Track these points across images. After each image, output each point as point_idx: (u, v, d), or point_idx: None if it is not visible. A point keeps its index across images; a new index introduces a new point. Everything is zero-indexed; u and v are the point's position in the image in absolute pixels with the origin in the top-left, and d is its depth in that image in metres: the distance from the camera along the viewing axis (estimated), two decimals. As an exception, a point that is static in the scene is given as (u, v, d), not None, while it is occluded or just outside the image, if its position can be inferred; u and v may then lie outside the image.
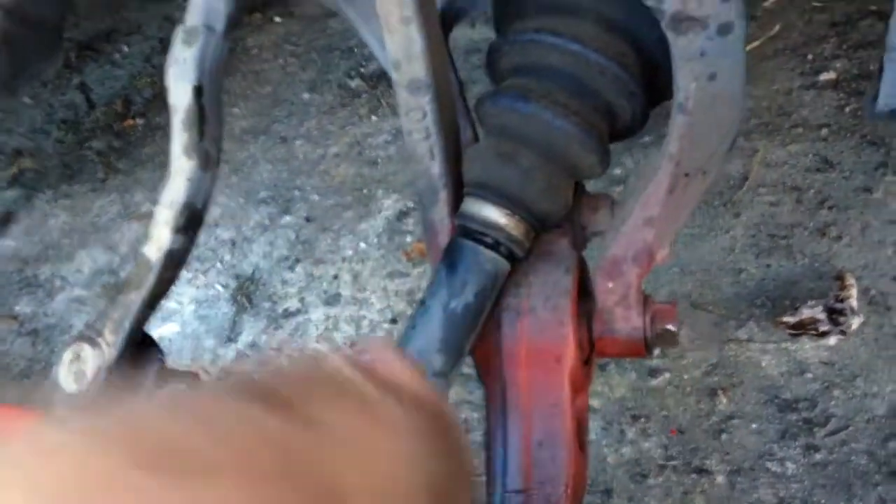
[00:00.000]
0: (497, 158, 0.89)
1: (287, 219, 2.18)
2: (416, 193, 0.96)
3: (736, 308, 1.63)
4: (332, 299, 1.94)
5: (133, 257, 2.19)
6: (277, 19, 2.86)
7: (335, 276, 1.99)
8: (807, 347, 1.53)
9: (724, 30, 0.78)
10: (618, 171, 1.88)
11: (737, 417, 1.48)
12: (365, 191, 2.18)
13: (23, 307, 2.15)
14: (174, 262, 1.08)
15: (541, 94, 0.88)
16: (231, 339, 1.92)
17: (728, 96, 0.82)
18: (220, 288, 2.05)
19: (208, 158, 1.10)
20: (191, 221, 1.09)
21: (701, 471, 1.43)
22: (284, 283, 2.02)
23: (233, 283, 2.05)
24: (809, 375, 1.50)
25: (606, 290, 0.93)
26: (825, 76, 1.98)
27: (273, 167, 2.34)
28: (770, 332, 1.57)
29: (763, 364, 1.53)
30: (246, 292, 2.02)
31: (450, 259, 0.90)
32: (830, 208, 1.74)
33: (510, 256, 0.91)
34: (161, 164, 2.46)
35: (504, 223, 0.89)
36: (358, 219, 2.11)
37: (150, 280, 1.07)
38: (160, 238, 1.07)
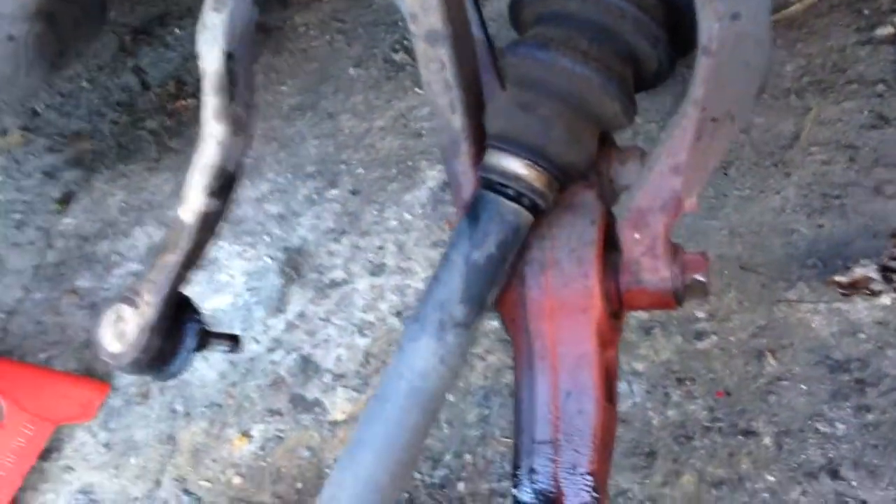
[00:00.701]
0: (517, 108, 0.89)
1: (333, 192, 2.20)
2: (439, 146, 0.96)
3: (786, 269, 1.58)
4: (378, 269, 1.96)
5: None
6: (324, -3, 2.88)
7: (380, 247, 2.00)
8: (859, 307, 1.48)
9: (748, -36, 0.75)
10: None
11: (785, 379, 1.45)
12: (409, 163, 2.19)
13: (83, 282, 2.23)
14: (208, 225, 1.11)
15: (560, 41, 0.86)
16: (280, 310, 1.95)
17: (753, 36, 0.79)
18: (268, 260, 2.08)
19: (239, 122, 1.11)
20: (224, 185, 1.11)
21: (747, 433, 1.40)
22: (331, 254, 2.04)
23: (281, 256, 2.08)
24: (862, 336, 1.45)
25: (633, 241, 0.92)
26: (881, 31, 1.90)
27: (320, 142, 2.36)
28: (821, 292, 1.52)
29: (813, 325, 1.49)
30: (294, 264, 2.05)
31: (472, 211, 0.90)
32: (886, 166, 1.67)
33: (533, 208, 0.90)
34: (212, 142, 2.52)
35: (525, 174, 0.88)
36: (402, 190, 2.12)
37: (185, 243, 1.09)
38: (194, 201, 1.10)
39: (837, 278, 1.51)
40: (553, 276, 0.92)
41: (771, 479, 1.34)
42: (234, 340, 1.20)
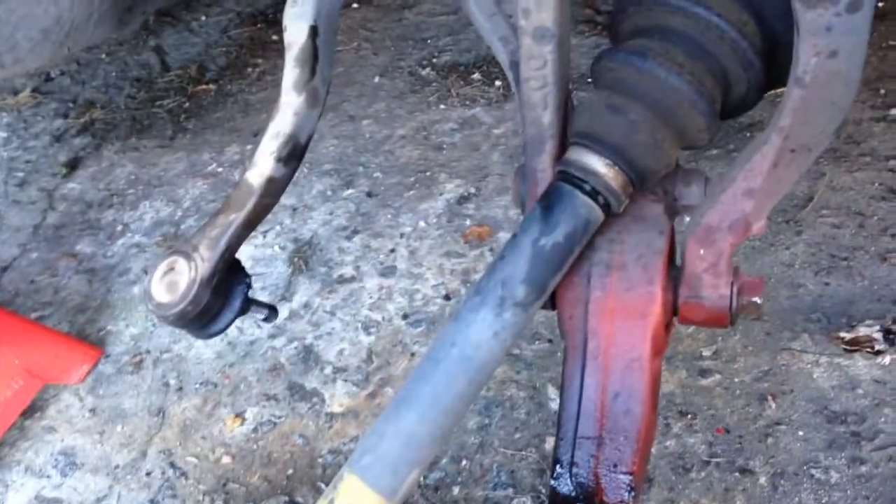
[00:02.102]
0: (606, 109, 0.93)
1: (349, 192, 2.22)
2: (522, 142, 0.99)
3: (791, 320, 1.64)
4: (388, 271, 1.97)
5: (196, 213, 2.25)
6: (355, 5, 2.93)
7: (392, 250, 2.03)
8: (860, 364, 1.54)
9: (853, 7, 0.80)
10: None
11: (784, 424, 1.49)
12: (428, 173, 2.22)
13: (83, 247, 2.21)
14: (274, 190, 1.13)
15: (658, 52, 0.91)
16: (285, 298, 1.96)
17: (846, 75, 0.84)
18: (277, 249, 2.09)
19: (316, 96, 1.14)
20: (293, 153, 1.13)
21: (744, 470, 1.44)
22: (341, 251, 2.05)
23: (291, 246, 2.09)
24: (860, 391, 1.51)
25: (697, 257, 0.96)
26: (896, 111, 2.00)
27: (339, 142, 2.39)
28: (824, 346, 1.58)
29: (815, 376, 1.55)
30: (303, 256, 2.06)
31: (547, 200, 0.93)
32: (893, 236, 1.75)
33: (606, 207, 0.93)
34: (230, 130, 2.53)
35: (604, 172, 0.92)
36: (419, 199, 2.15)
37: (249, 204, 1.11)
38: (263, 165, 1.11)
39: (841, 334, 1.57)
40: (618, 279, 0.96)
41: (764, 517, 1.38)
42: (272, 310, 1.21)
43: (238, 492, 1.59)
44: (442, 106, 2.42)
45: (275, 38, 2.87)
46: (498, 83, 2.45)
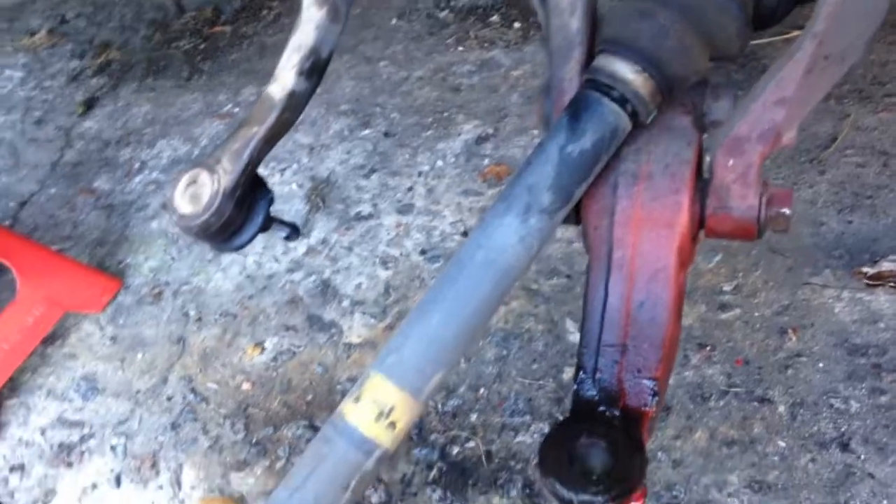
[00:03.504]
0: (634, 14, 0.91)
1: (366, 132, 2.21)
2: (549, 52, 0.98)
3: (813, 256, 1.63)
4: (405, 208, 1.97)
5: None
6: (373, -53, 2.89)
7: (410, 188, 2.02)
8: (882, 299, 1.53)
9: None
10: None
11: (804, 356, 1.49)
12: (445, 114, 2.21)
13: (101, 183, 2.21)
14: (295, 104, 1.11)
15: (690, -46, 0.89)
16: (303, 235, 1.96)
17: (882, -22, 0.83)
18: (295, 187, 2.09)
19: (337, 11, 1.12)
20: (314, 67, 1.12)
21: (763, 400, 1.45)
22: (359, 189, 2.05)
23: (308, 184, 2.09)
24: (882, 325, 1.50)
25: (726, 167, 0.94)
26: (924, 52, 1.97)
27: (356, 83, 2.37)
28: (846, 281, 1.58)
29: (836, 310, 1.54)
30: (320, 193, 2.06)
31: (574, 107, 0.92)
32: (917, 175, 1.74)
33: (633, 115, 0.92)
34: (246, 72, 2.52)
35: (632, 79, 0.90)
36: (437, 139, 2.14)
37: (271, 118, 1.10)
38: (285, 79, 1.10)
39: (864, 269, 1.56)
40: (645, 189, 0.95)
41: (782, 444, 1.38)
42: (294, 229, 1.21)
43: (258, 416, 1.61)
44: (460, 48, 2.40)
45: (292, -20, 2.84)
46: (517, 25, 2.43)
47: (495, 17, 2.51)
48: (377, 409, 0.86)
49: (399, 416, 0.87)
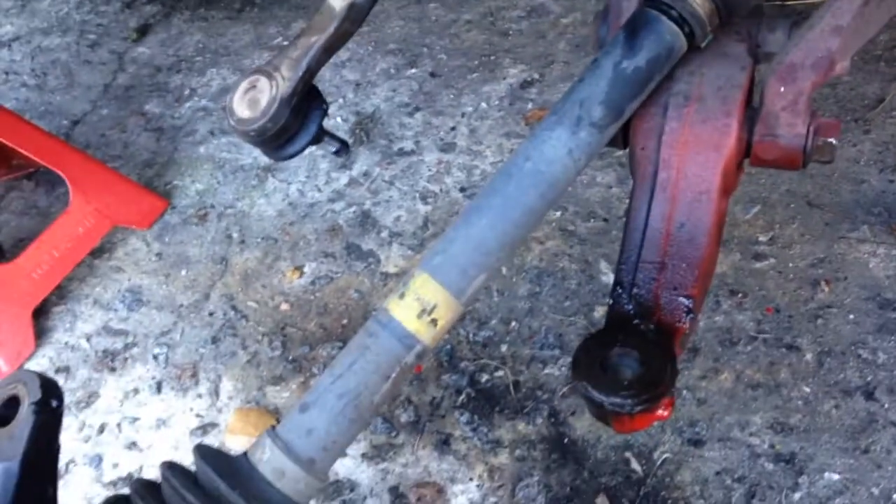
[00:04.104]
0: (697, -64, 0.92)
1: (412, 71, 2.23)
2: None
3: (851, 212, 1.64)
4: (448, 147, 2.00)
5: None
6: None
7: (453, 128, 2.04)
8: (918, 257, 1.54)
9: None
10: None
11: (835, 307, 1.51)
12: (492, 57, 2.22)
13: (152, 107, 2.26)
14: (355, 16, 1.14)
15: None
16: (345, 167, 2.00)
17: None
18: (339, 120, 2.12)
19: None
20: (375, -19, 1.14)
21: (791, 347, 1.47)
22: (402, 126, 2.08)
23: (353, 118, 2.12)
24: (916, 282, 1.51)
25: (777, 94, 0.96)
26: (982, 18, 1.94)
27: (405, 23, 2.39)
28: (883, 237, 1.58)
29: (870, 265, 1.55)
30: (364, 128, 2.09)
31: (632, 24, 0.94)
32: (964, 139, 1.73)
33: (690, 36, 0.94)
34: (297, 6, 2.54)
35: None
36: (482, 81, 2.16)
37: (331, 27, 1.13)
38: (347, -10, 1.13)
39: (902, 227, 1.57)
40: (696, 111, 0.97)
41: (807, 390, 1.40)
42: (344, 144, 1.25)
43: (295, 335, 1.66)
44: (511, -7, 2.40)
45: (346, -80, 2.85)
46: (569, -27, 2.42)
47: (547, -35, 2.50)
48: (420, 307, 0.90)
49: (441, 314, 0.91)
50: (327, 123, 2.15)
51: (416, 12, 2.42)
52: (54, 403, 0.85)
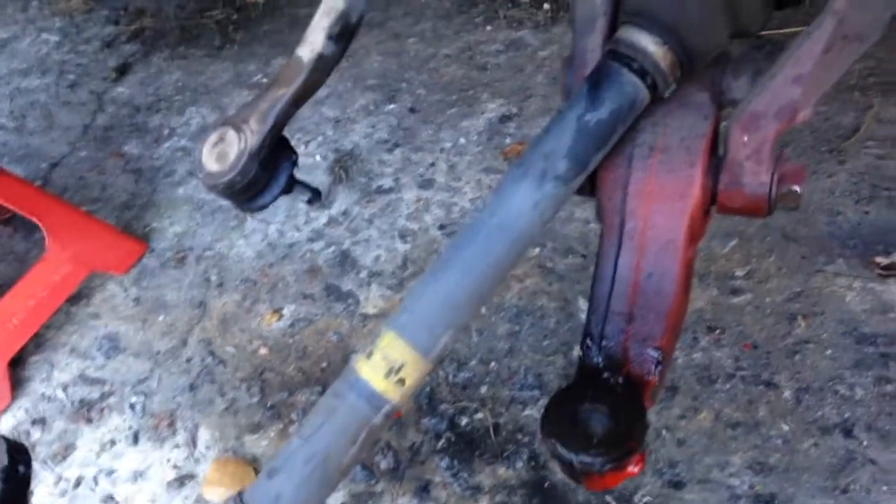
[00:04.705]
0: (658, -14, 0.93)
1: (391, 107, 2.24)
2: (572, 23, 1.00)
3: (828, 245, 1.64)
4: (426, 183, 2.00)
5: (240, 118, 2.28)
6: (405, -75, 2.91)
7: (432, 164, 2.05)
8: (893, 289, 1.54)
9: None
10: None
11: (812, 342, 1.50)
12: (471, 92, 2.23)
13: (131, 148, 2.26)
14: (323, 67, 1.14)
15: (714, -70, 0.91)
16: (325, 206, 1.99)
17: (903, -43, 0.84)
18: (319, 158, 2.12)
19: (368, -23, 1.15)
20: (343, 31, 1.14)
21: (769, 384, 1.46)
22: (381, 162, 2.08)
23: (332, 156, 2.12)
24: (892, 315, 1.51)
25: (741, 143, 0.96)
26: (952, 47, 1.96)
27: (384, 59, 2.39)
28: (859, 270, 1.58)
29: (847, 299, 1.55)
30: (344, 165, 2.09)
31: (594, 77, 0.94)
32: (938, 169, 1.73)
33: (653, 88, 0.94)
34: (277, 43, 2.55)
35: (653, 51, 0.92)
36: (461, 116, 2.16)
37: (299, 79, 1.13)
38: (314, 42, 1.13)
39: (877, 260, 1.57)
40: (660, 161, 0.97)
41: (786, 428, 1.40)
42: (316, 193, 1.24)
43: (274, 381, 1.65)
44: (488, 27, 2.42)
45: (324, -45, 2.87)
46: (546, 6, 2.44)
47: (524, -1, 2.52)
48: (388, 366, 0.90)
49: (408, 373, 0.90)
50: (306, 162, 2.16)
51: (395, 47, 2.43)
52: (22, 469, 0.84)
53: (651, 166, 0.97)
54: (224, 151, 1.13)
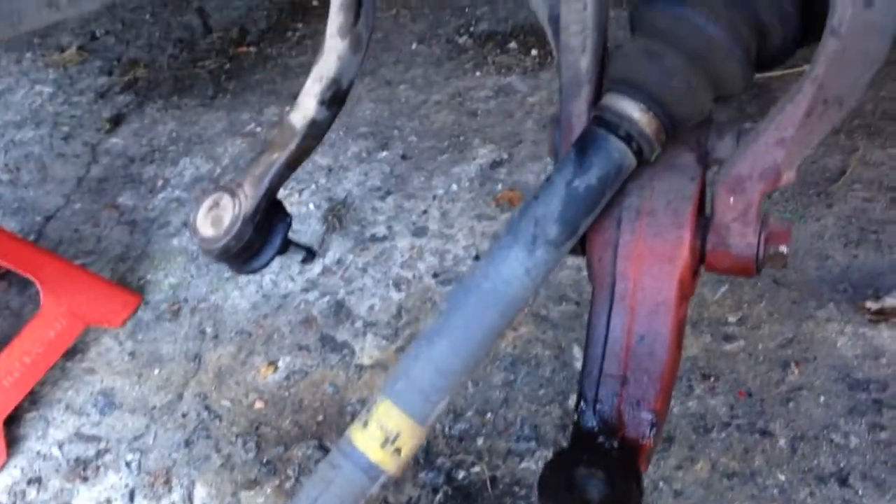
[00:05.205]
0: (643, 55, 0.95)
1: (383, 154, 2.26)
2: (559, 87, 1.02)
3: (818, 290, 1.66)
4: (420, 231, 2.01)
5: (235, 170, 2.30)
6: (395, -28, 2.95)
7: (424, 211, 2.06)
8: (885, 335, 1.55)
9: (891, -43, 0.82)
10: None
11: (806, 389, 1.51)
12: (462, 138, 2.25)
13: (125, 199, 2.27)
14: (315, 132, 1.16)
15: (697, 1, 0.93)
16: (319, 255, 2.00)
17: (881, 26, 0.86)
18: (312, 207, 2.14)
19: (359, 41, 1.17)
20: (335, 97, 1.17)
21: (764, 433, 1.47)
22: (374, 210, 2.09)
23: (325, 205, 2.13)
24: (883, 361, 1.52)
25: (727, 205, 0.98)
26: (935, 89, 1.99)
27: (375, 106, 2.42)
28: (849, 315, 1.60)
29: (839, 344, 1.56)
30: (337, 214, 2.10)
31: (581, 143, 0.96)
32: (925, 211, 1.76)
33: (639, 153, 0.96)
34: (269, 92, 2.58)
35: (639, 117, 0.94)
36: (452, 162, 2.18)
37: (292, 144, 1.15)
38: (306, 107, 1.15)
39: (867, 304, 1.58)
40: (648, 224, 0.99)
41: (782, 478, 1.40)
42: (310, 252, 1.26)
43: (270, 435, 1.65)
44: (478, 73, 2.45)
45: (315, 3, 2.91)
46: (534, 52, 2.47)
47: (513, 44, 2.56)
48: (384, 435, 0.90)
49: (404, 441, 0.91)
50: (299, 211, 2.17)
51: (387, 94, 2.46)
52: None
53: (639, 229, 0.99)
54: (219, 216, 1.14)
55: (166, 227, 2.16)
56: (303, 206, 2.14)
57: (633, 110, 0.94)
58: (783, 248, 0.98)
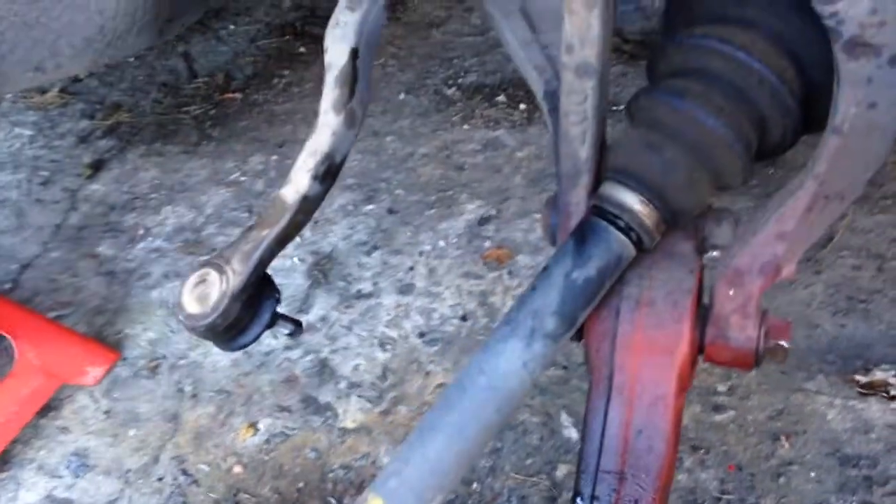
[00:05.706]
0: (643, 147, 0.94)
1: (370, 207, 2.24)
2: (560, 175, 1.01)
3: (806, 361, 1.65)
4: (406, 288, 1.99)
5: (218, 220, 2.27)
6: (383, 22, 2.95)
7: (411, 268, 2.04)
8: (874, 408, 1.54)
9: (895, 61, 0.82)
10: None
11: (796, 464, 1.50)
12: (449, 192, 2.24)
13: (104, 249, 2.23)
14: (308, 207, 1.14)
15: (697, 94, 0.92)
16: (302, 311, 1.97)
17: (884, 126, 0.86)
18: (297, 261, 2.11)
19: (353, 118, 1.16)
20: (328, 172, 1.15)
21: (755, 509, 1.45)
22: (360, 266, 2.07)
23: (310, 259, 2.10)
24: (873, 435, 1.51)
25: (726, 298, 0.97)
26: (919, 155, 2.01)
27: (362, 157, 2.40)
28: (839, 388, 1.59)
29: (828, 417, 1.55)
30: (322, 269, 2.07)
31: (580, 233, 0.95)
32: (912, 280, 1.76)
33: (638, 244, 0.95)
34: (254, 140, 2.55)
35: (638, 209, 0.93)
36: (439, 218, 2.16)
37: (283, 220, 1.13)
38: (299, 182, 1.13)
39: (857, 377, 1.58)
40: (647, 315, 0.97)
41: (774, 556, 1.39)
42: (298, 326, 1.23)
43: (248, 502, 1.60)
44: (465, 126, 2.44)
45: (302, 49, 2.90)
46: (522, 106, 2.47)
47: (501, 97, 2.56)
48: (376, 536, 0.87)
49: (397, 542, 0.88)
50: (284, 265, 2.13)
51: (374, 145, 2.44)
52: None
53: (638, 320, 0.97)
54: (205, 293, 1.11)
55: (146, 278, 2.12)
56: (287, 259, 2.11)
57: (634, 202, 0.93)
58: (784, 343, 0.97)
